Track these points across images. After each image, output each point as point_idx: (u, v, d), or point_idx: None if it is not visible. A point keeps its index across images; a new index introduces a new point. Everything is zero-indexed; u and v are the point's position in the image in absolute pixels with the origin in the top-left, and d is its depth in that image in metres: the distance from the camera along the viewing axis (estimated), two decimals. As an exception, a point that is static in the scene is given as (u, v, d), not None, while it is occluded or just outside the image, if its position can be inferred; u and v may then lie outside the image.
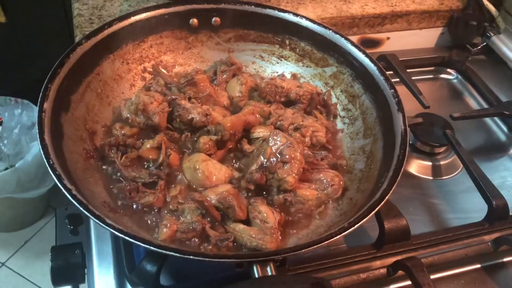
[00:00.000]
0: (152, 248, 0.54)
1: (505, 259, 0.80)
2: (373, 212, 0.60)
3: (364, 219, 0.59)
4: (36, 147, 1.68)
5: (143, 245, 0.54)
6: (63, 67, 0.72)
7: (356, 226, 0.57)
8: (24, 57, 1.81)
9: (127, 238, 0.54)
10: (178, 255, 0.53)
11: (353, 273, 0.73)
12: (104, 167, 0.72)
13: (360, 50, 0.83)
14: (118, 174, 0.71)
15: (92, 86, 0.77)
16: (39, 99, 0.67)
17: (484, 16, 1.13)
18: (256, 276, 0.53)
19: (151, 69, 0.86)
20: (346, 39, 0.84)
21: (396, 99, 0.75)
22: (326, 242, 0.55)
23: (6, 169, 1.66)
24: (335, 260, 0.74)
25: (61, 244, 0.88)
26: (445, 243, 0.79)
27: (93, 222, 0.75)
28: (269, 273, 0.54)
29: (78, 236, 1.03)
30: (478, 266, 0.78)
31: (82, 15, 0.96)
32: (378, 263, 0.75)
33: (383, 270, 0.74)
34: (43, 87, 0.68)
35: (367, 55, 0.82)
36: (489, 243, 0.79)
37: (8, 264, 1.91)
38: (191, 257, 0.53)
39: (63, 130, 0.69)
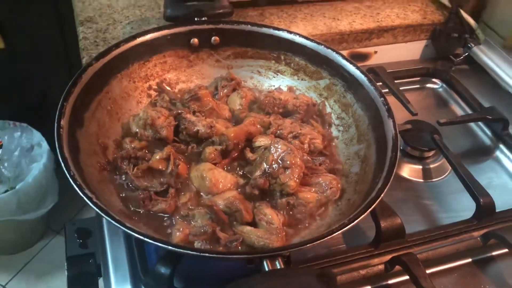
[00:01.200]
0: (171, 248, 0.58)
1: (494, 253, 0.85)
2: (371, 208, 0.65)
3: (363, 215, 0.64)
4: (35, 169, 1.72)
5: (163, 245, 0.58)
6: (76, 86, 0.77)
7: (356, 222, 0.63)
8: (22, 82, 1.86)
9: (148, 240, 0.59)
10: (196, 253, 0.58)
11: (354, 270, 0.78)
12: (117, 178, 0.77)
13: (351, 63, 0.89)
14: (131, 184, 0.75)
15: (102, 104, 0.82)
16: (56, 116, 0.71)
17: (465, 29, 1.20)
18: (266, 269, 0.58)
19: (156, 87, 0.91)
20: (338, 53, 0.90)
21: (386, 106, 0.81)
22: (329, 237, 0.60)
23: (7, 191, 1.69)
24: (336, 259, 0.79)
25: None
26: (437, 240, 0.84)
27: (107, 232, 0.81)
28: (278, 267, 0.58)
29: (87, 249, 1.07)
30: (469, 260, 0.83)
31: (88, 38, 1.01)
32: (376, 260, 0.80)
33: (381, 266, 0.79)
34: (59, 105, 0.73)
35: (357, 68, 0.88)
36: (478, 238, 0.84)
37: (9, 286, 1.93)
38: (207, 254, 0.58)
39: (79, 145, 0.73)
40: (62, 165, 0.65)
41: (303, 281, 0.53)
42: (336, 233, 0.61)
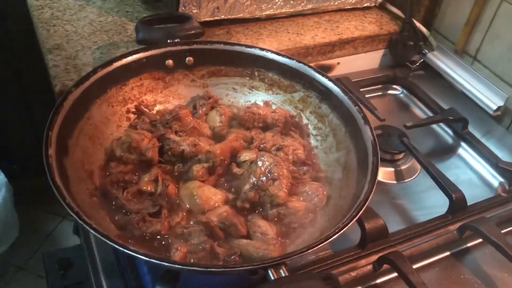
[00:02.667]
0: (178, 266, 0.59)
1: (469, 244, 0.90)
2: (363, 210, 0.69)
3: (356, 217, 0.67)
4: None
5: (169, 264, 0.59)
6: (59, 114, 0.76)
7: (351, 222, 0.66)
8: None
9: (153, 260, 0.59)
10: (203, 269, 0.59)
11: (344, 273, 0.81)
12: (107, 203, 0.77)
13: (322, 75, 0.93)
14: (123, 208, 0.75)
15: (84, 131, 0.82)
16: (43, 146, 0.71)
17: (418, 37, 1.28)
18: (272, 278, 0.60)
19: (135, 110, 0.92)
20: (309, 66, 0.94)
21: (362, 114, 0.86)
22: (329, 240, 0.63)
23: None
24: (325, 264, 0.82)
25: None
26: (418, 237, 0.89)
27: (99, 260, 0.81)
28: (283, 275, 0.61)
29: (71, 280, 1.05)
30: (448, 253, 0.88)
31: (58, 66, 1.00)
32: (363, 261, 0.84)
33: (370, 267, 0.82)
34: (44, 135, 0.72)
35: (329, 79, 0.92)
36: (454, 232, 0.89)
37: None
38: (214, 269, 0.59)
39: (67, 173, 0.73)
40: (57, 194, 0.65)
41: (312, 285, 0.55)
42: (335, 236, 0.64)
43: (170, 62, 0.95)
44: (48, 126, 0.74)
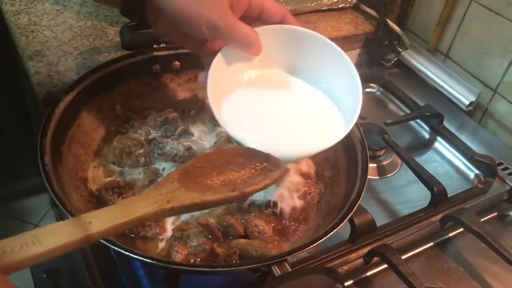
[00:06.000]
0: (185, 268, 0.61)
1: (451, 234, 0.94)
2: (357, 204, 0.72)
3: (352, 211, 0.71)
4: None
5: (175, 266, 0.61)
6: (51, 122, 0.76)
7: (348, 217, 0.69)
8: None
9: (160, 264, 0.61)
10: (209, 270, 0.61)
11: (336, 267, 0.84)
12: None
13: (307, 76, 0.96)
14: (119, 213, 0.76)
15: (75, 138, 0.82)
16: (39, 154, 0.71)
17: (392, 36, 1.32)
18: (277, 274, 0.62)
19: (123, 115, 0.92)
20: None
21: (348, 113, 0.88)
22: (330, 234, 0.66)
23: None
24: (318, 260, 0.85)
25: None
26: (403, 229, 0.93)
27: (95, 261, 0.81)
28: (286, 271, 0.63)
29: None
30: (432, 244, 0.93)
31: (41, 72, 0.99)
32: (354, 255, 0.87)
33: (360, 260, 0.86)
34: (38, 143, 0.72)
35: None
36: (437, 223, 0.94)
37: None
38: (220, 269, 0.61)
39: (63, 181, 0.73)
40: (57, 203, 0.65)
41: (316, 278, 0.58)
42: (334, 230, 0.67)
43: (157, 67, 0.95)
44: (42, 134, 0.74)
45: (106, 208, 0.54)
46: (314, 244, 0.65)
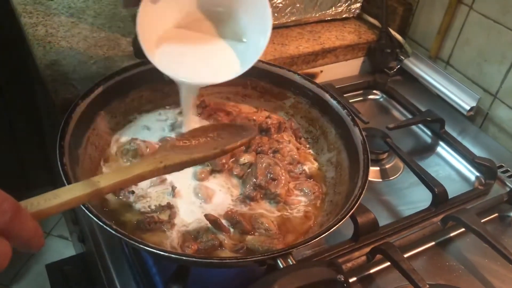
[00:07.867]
0: (198, 260, 0.64)
1: (452, 234, 0.97)
2: (359, 201, 0.75)
3: (354, 208, 0.74)
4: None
5: (187, 259, 0.65)
6: (69, 125, 0.81)
7: (349, 214, 0.73)
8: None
9: (172, 256, 0.64)
10: (219, 261, 0.65)
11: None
12: (117, 208, 0.81)
13: (311, 82, 1.00)
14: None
15: (91, 140, 0.87)
16: (57, 155, 0.75)
17: (395, 44, 1.36)
18: (281, 267, 0.66)
19: (136, 119, 0.97)
20: (299, 74, 1.01)
21: (350, 116, 0.92)
22: (333, 229, 0.69)
23: None
24: (322, 257, 0.88)
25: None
26: (405, 229, 0.96)
27: (111, 261, 0.85)
28: (291, 263, 0.66)
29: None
30: (433, 243, 0.95)
31: (57, 80, 1.04)
32: (357, 253, 0.90)
33: (363, 258, 0.89)
34: (57, 145, 0.77)
35: (318, 86, 0.99)
36: (438, 223, 0.97)
37: None
38: (228, 261, 0.65)
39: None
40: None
41: (319, 270, 0.61)
42: (337, 226, 0.70)
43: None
44: (60, 136, 0.78)
45: (111, 171, 0.68)
46: (317, 238, 0.68)
